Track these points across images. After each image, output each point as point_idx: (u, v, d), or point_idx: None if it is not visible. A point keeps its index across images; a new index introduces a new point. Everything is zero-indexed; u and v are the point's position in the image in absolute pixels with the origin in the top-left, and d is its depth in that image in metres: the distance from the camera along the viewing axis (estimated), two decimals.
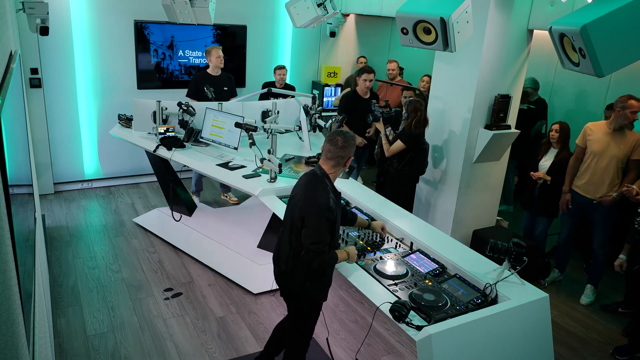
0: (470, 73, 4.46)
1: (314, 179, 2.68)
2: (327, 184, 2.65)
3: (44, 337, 2.31)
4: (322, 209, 2.55)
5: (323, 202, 2.56)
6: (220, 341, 3.65)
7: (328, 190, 2.63)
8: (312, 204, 2.57)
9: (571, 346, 3.89)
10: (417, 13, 3.04)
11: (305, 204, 2.59)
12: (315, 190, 2.61)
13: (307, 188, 2.66)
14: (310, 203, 2.58)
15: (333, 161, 2.68)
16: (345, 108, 5.27)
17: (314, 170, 2.74)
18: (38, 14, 4.31)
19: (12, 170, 1.57)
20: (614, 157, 4.12)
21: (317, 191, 2.60)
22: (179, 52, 6.24)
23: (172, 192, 5.07)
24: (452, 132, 4.75)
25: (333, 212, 2.60)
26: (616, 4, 2.19)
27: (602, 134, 4.20)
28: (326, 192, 2.61)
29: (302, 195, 2.65)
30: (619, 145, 4.11)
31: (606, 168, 4.17)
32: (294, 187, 2.82)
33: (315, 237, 2.53)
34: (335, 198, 2.67)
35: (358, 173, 5.78)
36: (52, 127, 5.79)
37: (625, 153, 4.10)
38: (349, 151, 2.69)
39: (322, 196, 2.58)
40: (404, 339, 3.78)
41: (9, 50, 2.52)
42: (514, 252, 2.68)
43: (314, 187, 2.63)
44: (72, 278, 4.31)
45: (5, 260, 1.19)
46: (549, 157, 4.61)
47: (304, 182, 2.72)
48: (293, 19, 4.72)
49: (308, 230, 2.56)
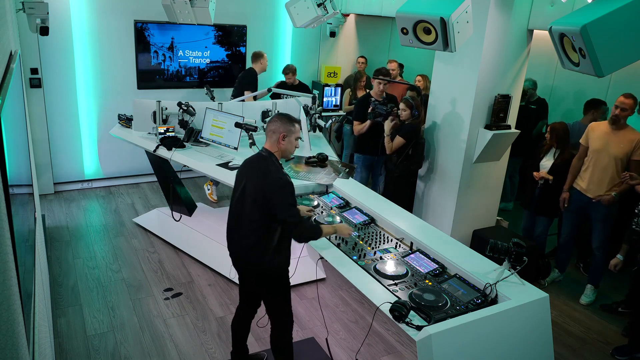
0: (470, 73, 4.46)
1: (262, 161, 2.82)
2: (274, 162, 2.80)
3: (44, 337, 2.31)
4: (286, 184, 2.73)
5: (282, 178, 2.73)
6: (220, 341, 3.65)
7: (279, 168, 2.80)
8: (272, 183, 2.71)
9: (571, 346, 3.89)
10: (417, 13, 3.04)
11: (266, 185, 2.72)
12: (268, 171, 2.75)
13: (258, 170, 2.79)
14: (271, 183, 2.71)
15: (269, 137, 2.84)
16: (361, 111, 5.13)
17: (260, 152, 2.88)
18: (38, 14, 4.31)
19: (12, 170, 1.57)
20: (614, 156, 4.13)
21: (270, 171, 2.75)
22: (179, 53, 6.24)
23: (172, 192, 5.07)
24: (452, 132, 4.75)
25: (292, 185, 2.76)
26: (616, 4, 2.19)
27: (602, 133, 4.22)
28: (278, 169, 2.78)
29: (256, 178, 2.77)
30: (618, 144, 4.11)
31: (606, 167, 4.17)
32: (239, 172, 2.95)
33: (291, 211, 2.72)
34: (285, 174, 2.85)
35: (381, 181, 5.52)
36: (52, 127, 5.80)
37: (625, 152, 4.10)
38: (280, 125, 2.80)
39: (279, 172, 2.76)
40: (404, 339, 3.78)
41: (9, 50, 2.52)
42: (514, 252, 2.68)
43: (265, 168, 2.77)
44: (72, 278, 4.31)
45: (5, 260, 1.19)
46: (549, 157, 4.61)
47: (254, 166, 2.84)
48: (293, 19, 4.72)
49: (281, 207, 2.71)
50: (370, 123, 4.98)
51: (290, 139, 2.83)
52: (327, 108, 7.16)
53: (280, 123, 2.81)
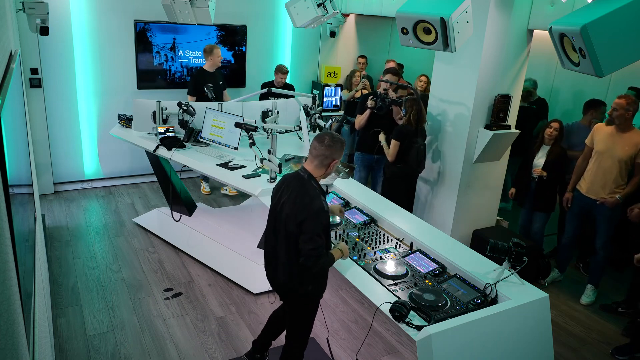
0: (470, 73, 4.46)
1: (300, 182, 2.61)
2: (314, 186, 2.60)
3: (44, 337, 2.31)
4: (318, 213, 2.52)
5: (318, 205, 2.53)
6: (220, 341, 3.65)
7: (318, 193, 2.59)
8: (306, 209, 2.52)
9: (571, 346, 3.89)
10: (417, 13, 3.04)
11: (300, 210, 2.53)
12: (306, 195, 2.55)
13: (296, 192, 2.59)
14: (305, 208, 2.52)
15: (317, 160, 2.61)
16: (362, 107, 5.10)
17: (298, 172, 2.66)
18: (38, 14, 4.31)
19: (12, 170, 1.57)
20: (618, 158, 4.10)
21: (309, 195, 2.55)
22: (179, 53, 6.24)
23: (172, 192, 5.07)
24: (452, 132, 4.76)
25: (327, 213, 2.59)
26: (616, 4, 2.19)
27: (607, 134, 4.19)
28: (317, 194, 2.57)
29: (292, 200, 2.58)
30: (622, 146, 4.09)
31: (610, 168, 4.15)
32: (276, 189, 2.74)
33: (314, 243, 2.50)
34: (324, 198, 2.65)
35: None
36: (52, 127, 5.80)
37: (629, 154, 4.07)
38: (334, 152, 2.60)
39: (315, 199, 2.53)
40: (404, 339, 3.78)
41: (9, 50, 2.52)
42: (514, 252, 2.68)
43: (304, 191, 2.57)
44: (72, 278, 4.31)
45: (5, 260, 1.19)
46: (541, 154, 4.67)
47: (292, 187, 2.63)
48: (293, 19, 4.72)
49: (305, 236, 2.51)
50: (369, 112, 4.96)
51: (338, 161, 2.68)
52: (327, 108, 7.17)
53: (335, 150, 2.60)
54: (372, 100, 4.89)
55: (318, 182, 2.65)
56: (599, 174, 4.22)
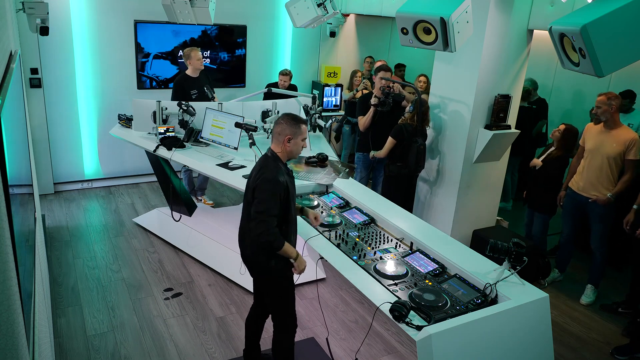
0: (470, 73, 4.46)
1: (264, 159, 2.84)
2: (278, 165, 2.78)
3: (44, 337, 2.31)
4: (269, 181, 2.67)
5: (270, 175, 2.69)
6: (220, 341, 3.65)
7: (279, 166, 2.77)
8: (260, 178, 2.71)
9: (571, 346, 3.89)
10: (417, 13, 3.04)
11: (255, 180, 2.74)
12: (265, 167, 2.75)
13: (258, 167, 2.82)
14: (259, 177, 2.71)
15: (274, 139, 2.82)
16: (362, 107, 5.09)
17: (265, 152, 2.89)
18: (38, 14, 4.31)
19: (12, 170, 1.57)
20: (607, 155, 4.14)
21: (267, 167, 2.74)
22: (179, 53, 6.24)
23: (172, 192, 5.07)
24: (452, 132, 4.75)
25: (281, 185, 2.70)
26: (616, 4, 2.19)
27: (596, 133, 4.26)
28: (276, 168, 2.75)
29: (254, 175, 2.79)
30: (611, 144, 4.13)
31: (600, 166, 4.19)
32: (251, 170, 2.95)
33: (259, 206, 2.65)
34: (289, 177, 2.82)
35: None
36: (52, 127, 5.80)
37: (619, 152, 4.10)
38: (285, 128, 2.77)
39: (270, 171, 2.72)
40: (404, 339, 3.78)
41: (9, 50, 2.52)
42: (514, 252, 2.68)
43: (264, 165, 2.78)
44: (72, 278, 4.31)
45: (5, 260, 1.19)
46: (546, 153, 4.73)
47: (257, 164, 2.87)
48: (293, 19, 4.72)
49: (256, 200, 2.69)
50: (372, 110, 4.93)
51: (297, 140, 2.81)
52: (327, 108, 7.17)
53: (286, 125, 2.78)
54: (375, 97, 4.89)
55: (284, 162, 2.85)
56: (590, 172, 4.25)
